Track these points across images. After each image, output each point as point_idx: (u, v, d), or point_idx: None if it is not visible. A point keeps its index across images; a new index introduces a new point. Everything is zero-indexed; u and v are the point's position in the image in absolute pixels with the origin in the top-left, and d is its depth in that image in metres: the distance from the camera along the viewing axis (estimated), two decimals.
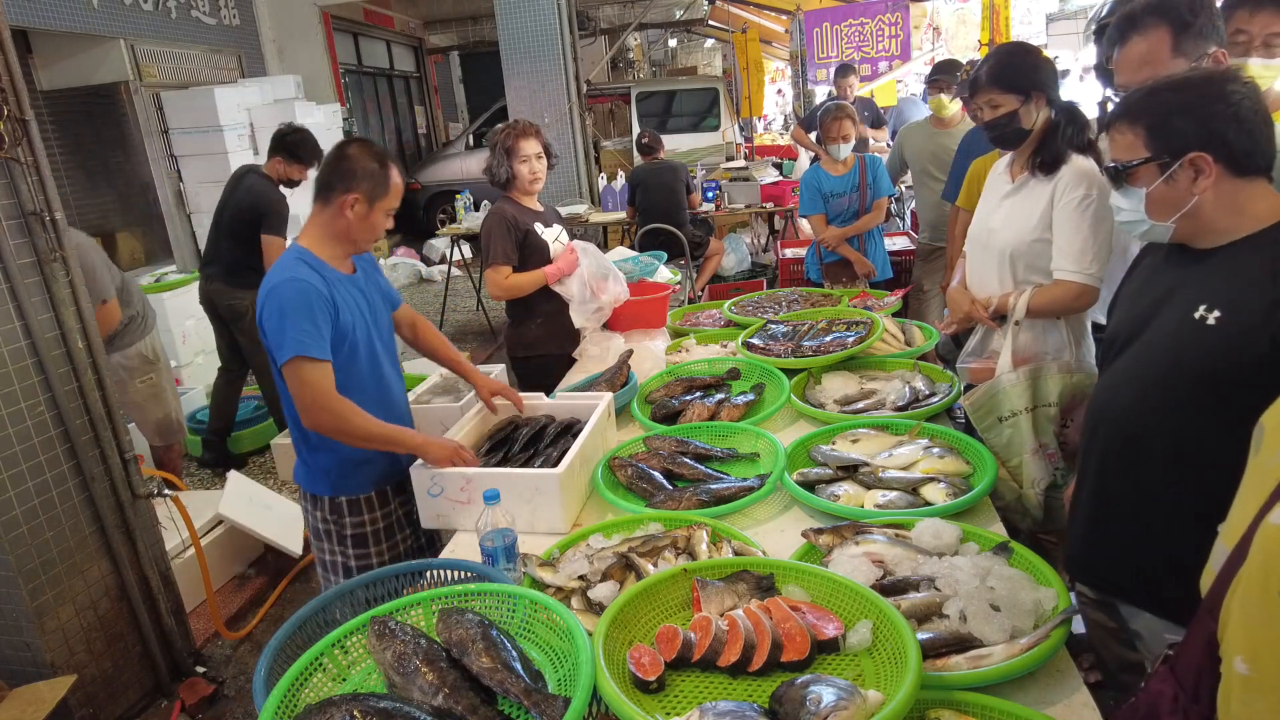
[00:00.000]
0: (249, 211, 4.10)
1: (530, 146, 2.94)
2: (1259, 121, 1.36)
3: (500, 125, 3.01)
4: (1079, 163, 2.11)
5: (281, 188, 4.22)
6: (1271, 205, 1.39)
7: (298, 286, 1.90)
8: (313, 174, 4.20)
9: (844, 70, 6.50)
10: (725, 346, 2.99)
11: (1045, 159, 2.14)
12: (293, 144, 4.15)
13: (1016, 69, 2.15)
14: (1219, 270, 1.41)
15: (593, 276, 3.02)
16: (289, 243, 2.07)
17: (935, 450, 1.98)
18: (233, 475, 3.66)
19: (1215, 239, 1.43)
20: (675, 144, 9.22)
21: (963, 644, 1.31)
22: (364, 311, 2.07)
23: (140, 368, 3.70)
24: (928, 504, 1.78)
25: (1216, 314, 1.37)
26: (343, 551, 2.17)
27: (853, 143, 4.18)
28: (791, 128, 12.92)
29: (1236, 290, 1.37)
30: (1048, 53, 2.60)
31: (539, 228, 3.00)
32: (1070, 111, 2.14)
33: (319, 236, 2.03)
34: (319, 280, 1.94)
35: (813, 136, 5.59)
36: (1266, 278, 1.33)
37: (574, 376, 2.92)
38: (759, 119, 13.45)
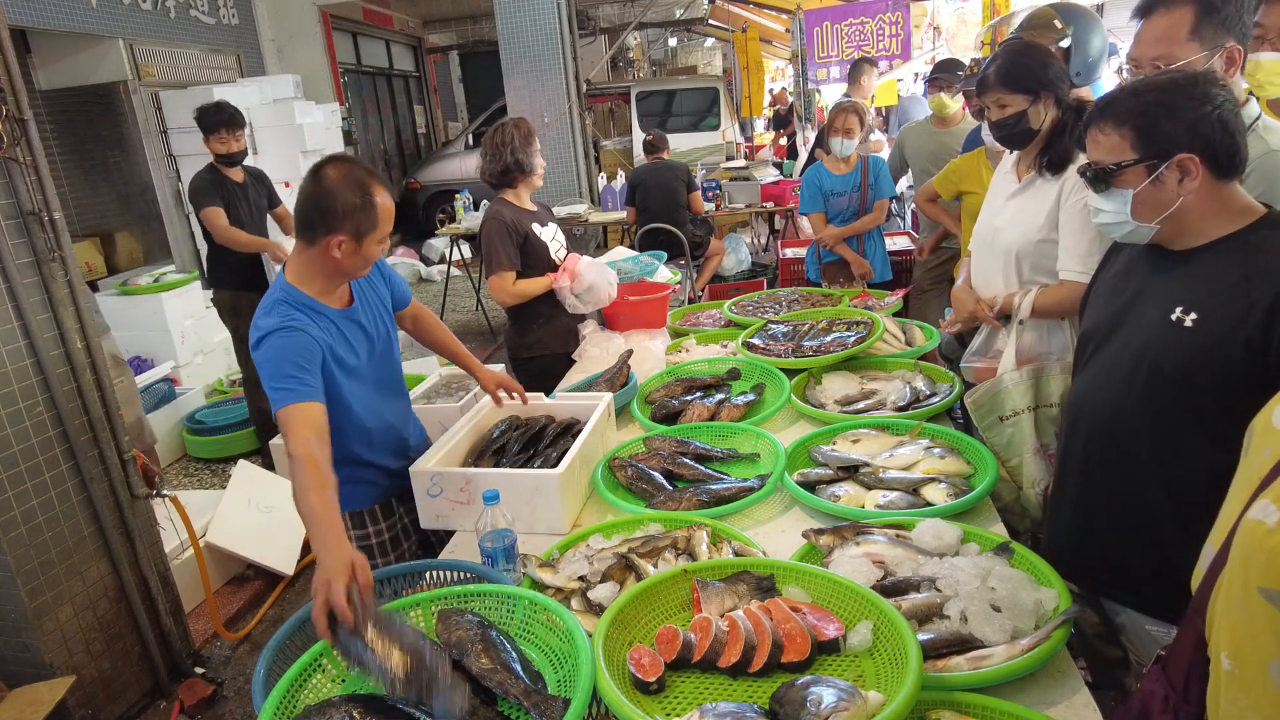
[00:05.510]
0: (191, 204, 4.25)
1: (538, 143, 3.03)
2: (1239, 123, 1.38)
3: (503, 122, 3.03)
4: None
5: (225, 169, 4.27)
6: (1245, 207, 1.41)
7: (287, 340, 1.75)
8: (239, 144, 4.26)
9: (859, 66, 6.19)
10: (725, 346, 2.99)
11: (1053, 158, 2.13)
12: (198, 120, 4.22)
13: (1025, 68, 2.13)
14: (1195, 272, 1.43)
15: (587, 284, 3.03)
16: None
17: (936, 450, 1.98)
18: (240, 466, 3.65)
19: (1192, 240, 1.45)
20: (675, 144, 9.21)
21: (963, 645, 1.31)
22: (359, 347, 1.95)
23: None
24: (928, 504, 1.77)
25: (1193, 316, 1.39)
26: None
27: (856, 140, 4.17)
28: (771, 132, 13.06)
29: (1213, 293, 1.39)
30: None
31: (536, 228, 3.00)
32: (1079, 110, 2.13)
33: (307, 274, 1.87)
34: (309, 325, 1.80)
35: (810, 135, 5.53)
36: (1240, 281, 1.35)
37: (574, 376, 2.92)
38: (759, 118, 13.51)
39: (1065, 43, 2.57)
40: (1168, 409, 1.44)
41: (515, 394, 2.30)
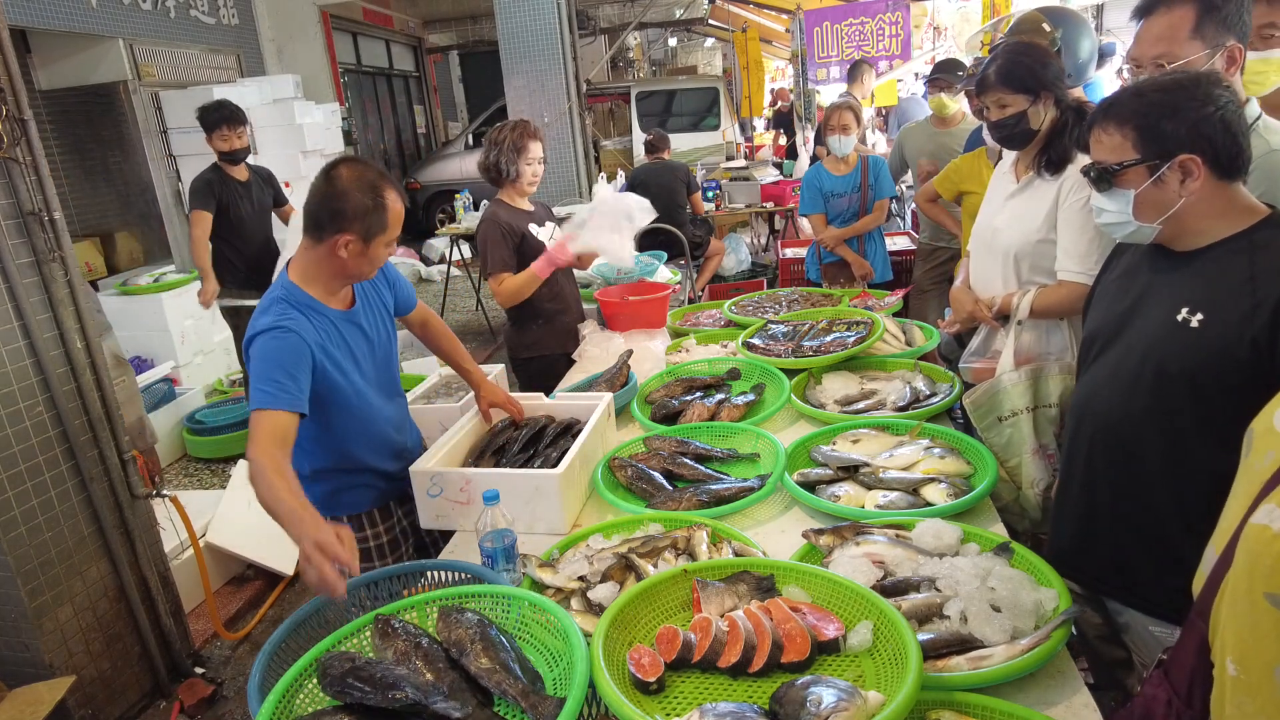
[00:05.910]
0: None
1: (537, 149, 2.98)
2: (1241, 124, 1.38)
3: (506, 122, 3.01)
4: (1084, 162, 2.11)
5: (229, 167, 4.29)
6: (1248, 207, 1.41)
7: (276, 342, 1.73)
8: (240, 138, 4.30)
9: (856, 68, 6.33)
10: (725, 346, 2.98)
11: (1052, 158, 2.13)
12: (200, 119, 4.25)
13: (1025, 68, 2.12)
14: (1200, 273, 1.43)
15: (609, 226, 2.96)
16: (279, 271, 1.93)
17: (936, 450, 1.97)
18: (241, 466, 3.65)
19: (1195, 241, 1.45)
20: (675, 144, 9.22)
21: (963, 645, 1.31)
22: (358, 350, 1.94)
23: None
24: (928, 504, 1.77)
25: (1200, 316, 1.39)
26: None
27: (853, 137, 4.16)
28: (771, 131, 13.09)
29: (1218, 293, 1.39)
30: None
31: (533, 228, 3.00)
32: (1078, 111, 2.13)
33: (311, 274, 1.86)
34: (305, 325, 1.78)
35: (810, 135, 5.54)
36: (1246, 281, 1.35)
37: (574, 376, 2.92)
38: (759, 118, 13.51)
39: (1054, 47, 2.57)
40: (1173, 410, 1.44)
41: (509, 412, 2.29)
